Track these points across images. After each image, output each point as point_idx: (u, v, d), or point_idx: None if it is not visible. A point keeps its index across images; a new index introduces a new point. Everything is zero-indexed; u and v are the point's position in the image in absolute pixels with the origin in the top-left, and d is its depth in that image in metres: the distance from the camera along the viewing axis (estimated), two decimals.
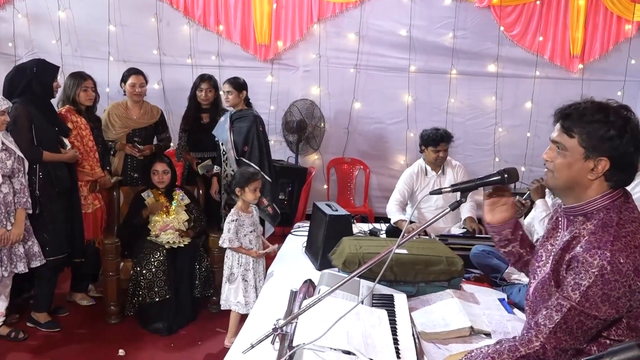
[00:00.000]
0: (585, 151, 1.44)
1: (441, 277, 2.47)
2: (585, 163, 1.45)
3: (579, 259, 1.39)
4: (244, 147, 3.94)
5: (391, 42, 5.35)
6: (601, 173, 1.44)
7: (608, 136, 1.41)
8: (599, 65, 5.37)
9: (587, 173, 1.45)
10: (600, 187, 1.47)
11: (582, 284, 1.36)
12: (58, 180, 3.33)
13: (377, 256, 1.67)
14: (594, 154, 1.43)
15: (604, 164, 1.43)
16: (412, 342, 1.84)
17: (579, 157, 1.45)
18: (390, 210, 3.91)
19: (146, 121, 4.06)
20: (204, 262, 3.65)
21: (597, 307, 1.36)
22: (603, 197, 1.47)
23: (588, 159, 1.44)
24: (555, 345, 1.40)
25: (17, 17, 5.21)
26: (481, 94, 5.47)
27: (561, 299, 1.40)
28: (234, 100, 3.99)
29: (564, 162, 1.48)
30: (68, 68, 5.13)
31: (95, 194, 3.74)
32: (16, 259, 3.09)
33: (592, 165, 1.44)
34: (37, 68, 3.38)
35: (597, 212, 1.47)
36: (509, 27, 5.31)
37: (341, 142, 5.55)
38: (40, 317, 3.42)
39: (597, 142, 1.43)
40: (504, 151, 5.52)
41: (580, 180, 1.47)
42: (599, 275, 1.35)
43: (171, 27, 5.33)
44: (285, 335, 1.71)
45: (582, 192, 1.49)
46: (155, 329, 3.42)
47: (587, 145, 1.44)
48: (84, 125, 3.66)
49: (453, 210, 1.61)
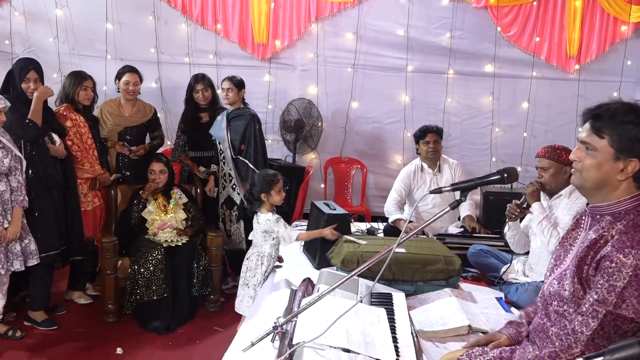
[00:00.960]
0: (615, 152, 1.45)
1: (439, 276, 2.49)
2: (614, 164, 1.45)
3: (612, 258, 1.38)
4: (241, 146, 3.95)
5: (389, 41, 5.36)
6: (631, 174, 1.44)
7: (636, 137, 1.42)
8: (595, 66, 5.39)
9: (617, 174, 1.46)
10: (628, 187, 1.47)
11: (617, 285, 1.35)
12: (46, 176, 3.32)
13: (376, 255, 1.68)
14: (624, 154, 1.44)
15: (635, 164, 1.43)
16: (411, 340, 1.86)
17: (608, 158, 1.46)
18: (388, 210, 3.93)
19: (138, 119, 4.05)
20: (201, 261, 3.65)
21: (635, 309, 1.34)
22: (632, 198, 1.47)
23: (618, 160, 1.45)
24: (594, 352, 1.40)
25: (14, 14, 5.18)
26: (478, 94, 5.49)
27: (596, 304, 1.39)
28: (234, 97, 3.98)
29: (593, 163, 1.48)
30: (65, 66, 5.15)
31: (95, 192, 3.74)
32: (13, 257, 3.09)
33: (621, 166, 1.45)
34: (14, 67, 3.40)
35: (627, 213, 1.46)
36: (506, 27, 5.32)
37: (338, 142, 5.56)
38: (37, 316, 3.41)
39: (628, 143, 1.43)
40: (501, 151, 5.53)
41: (609, 181, 1.47)
42: (633, 275, 1.34)
43: (169, 26, 5.32)
44: (285, 333, 1.73)
45: (609, 192, 1.49)
46: (153, 327, 3.42)
47: (618, 146, 1.44)
48: (82, 123, 3.66)
49: (453, 210, 1.62)
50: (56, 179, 3.39)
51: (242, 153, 3.95)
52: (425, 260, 2.50)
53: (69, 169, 3.51)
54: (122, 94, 3.99)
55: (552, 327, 1.55)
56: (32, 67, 3.35)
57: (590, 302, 1.41)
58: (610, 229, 1.47)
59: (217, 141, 4.04)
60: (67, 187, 3.50)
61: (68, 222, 3.50)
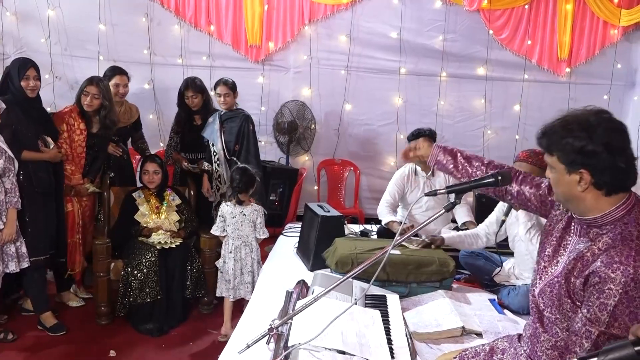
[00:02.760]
0: (565, 167, 1.47)
1: (433, 278, 2.50)
2: (570, 177, 1.47)
3: (601, 275, 1.37)
4: (235, 147, 3.96)
5: (382, 44, 5.39)
6: (588, 184, 1.45)
7: (576, 149, 1.43)
8: (585, 69, 5.46)
9: (576, 185, 1.46)
10: (596, 197, 1.46)
11: (608, 303, 1.35)
12: (39, 181, 3.30)
13: (371, 257, 1.69)
14: (573, 167, 1.45)
15: (586, 175, 1.44)
16: (406, 342, 1.87)
17: (563, 173, 1.48)
18: (381, 212, 3.93)
19: (125, 121, 4.02)
20: (195, 263, 3.64)
21: (626, 327, 1.33)
22: (617, 209, 1.45)
23: (571, 173, 1.46)
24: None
25: (6, 14, 5.15)
26: (470, 96, 5.53)
27: (588, 324, 1.39)
28: (231, 101, 4.00)
29: (555, 179, 1.52)
30: (57, 67, 5.13)
31: (69, 198, 3.62)
32: (7, 259, 3.07)
33: (577, 178, 1.45)
34: (10, 67, 3.37)
35: (613, 226, 1.45)
36: (498, 30, 5.37)
37: (332, 144, 5.57)
38: (45, 320, 3.39)
39: (572, 156, 1.44)
40: (493, 153, 5.56)
41: (573, 193, 1.48)
42: (623, 292, 1.33)
43: (162, 27, 5.31)
44: (280, 335, 1.73)
45: (580, 203, 1.49)
46: (146, 329, 3.41)
47: (565, 161, 1.46)
48: (80, 130, 3.59)
49: (447, 212, 1.63)
50: (48, 183, 3.37)
51: (236, 154, 3.95)
52: (419, 261, 2.51)
53: (59, 174, 3.48)
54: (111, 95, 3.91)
55: (544, 334, 1.57)
56: (30, 64, 3.34)
57: (583, 321, 1.41)
58: (597, 241, 1.46)
59: (209, 142, 4.04)
60: (58, 191, 3.47)
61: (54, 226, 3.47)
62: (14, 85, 3.29)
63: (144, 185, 3.81)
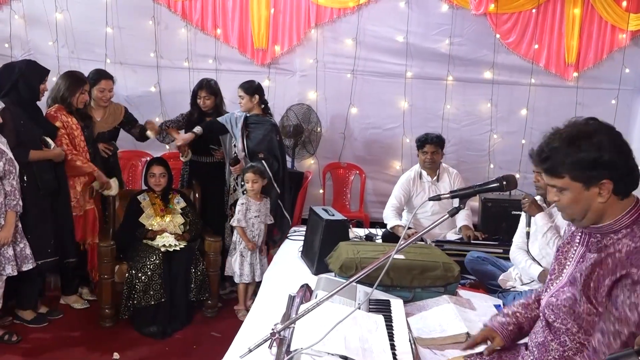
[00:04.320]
0: (582, 184, 1.44)
1: (437, 283, 2.48)
2: (589, 192, 1.44)
3: (634, 277, 1.35)
4: (259, 154, 3.92)
5: (388, 48, 5.37)
6: (609, 194, 1.43)
7: (592, 162, 1.40)
8: (593, 73, 5.41)
9: (596, 198, 1.44)
10: (614, 203, 1.45)
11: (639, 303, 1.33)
12: (43, 183, 3.31)
13: (375, 261, 1.68)
14: (592, 182, 1.43)
15: (607, 184, 1.42)
16: (409, 348, 1.85)
17: (580, 190, 1.45)
18: (387, 216, 3.92)
19: (109, 124, 3.99)
20: (199, 266, 3.64)
21: None
22: (629, 213, 1.45)
23: (589, 188, 1.44)
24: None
25: (14, 17, 5.18)
26: (477, 100, 5.50)
27: (618, 324, 1.37)
28: (247, 104, 3.94)
29: (570, 199, 1.47)
30: (64, 70, 5.09)
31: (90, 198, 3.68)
32: (5, 262, 3.06)
33: (597, 190, 1.43)
34: (26, 69, 3.39)
35: (630, 229, 1.44)
36: (505, 34, 5.34)
37: (337, 147, 5.56)
38: (25, 315, 3.42)
39: (588, 171, 1.41)
40: (499, 157, 5.54)
41: (593, 207, 1.46)
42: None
43: (169, 31, 5.32)
44: (283, 339, 1.72)
45: (599, 214, 1.47)
46: (150, 332, 3.41)
47: (581, 178, 1.43)
48: (75, 125, 3.63)
49: (452, 217, 1.62)
50: (52, 185, 3.38)
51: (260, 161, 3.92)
52: (424, 266, 2.50)
53: (61, 174, 3.48)
54: (96, 100, 3.92)
55: (552, 342, 1.55)
56: (48, 71, 3.47)
57: (611, 320, 1.39)
58: (616, 245, 1.44)
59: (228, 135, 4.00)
60: (59, 192, 3.47)
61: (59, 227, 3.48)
62: (30, 87, 3.31)
63: (149, 187, 3.81)
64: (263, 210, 3.77)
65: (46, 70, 3.49)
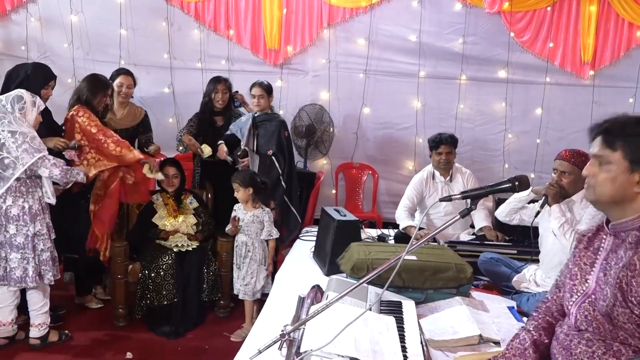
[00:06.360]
0: (630, 164, 1.42)
1: (450, 284, 2.45)
2: (630, 176, 1.43)
3: None
4: (268, 151, 3.94)
5: (401, 47, 5.35)
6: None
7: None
8: (610, 71, 5.32)
9: (633, 186, 1.42)
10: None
11: None
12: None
13: (386, 262, 1.66)
14: (639, 166, 1.41)
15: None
16: (420, 350, 1.83)
17: (623, 170, 1.43)
18: (399, 216, 3.90)
19: (128, 123, 4.01)
20: (211, 266, 3.65)
21: None
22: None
23: (633, 172, 1.42)
24: None
25: (30, 20, 5.26)
26: (491, 99, 5.45)
27: None
28: (265, 104, 4.00)
29: (608, 177, 1.46)
30: (79, 71, 5.21)
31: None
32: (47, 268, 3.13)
33: (637, 178, 1.42)
34: (31, 72, 3.41)
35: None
36: (519, 33, 5.28)
37: (350, 147, 5.54)
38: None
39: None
40: (514, 157, 5.48)
41: (625, 194, 1.44)
42: None
43: (182, 32, 5.35)
44: (292, 341, 1.71)
45: (627, 205, 1.45)
46: (162, 332, 3.43)
47: (632, 158, 1.42)
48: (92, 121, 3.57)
49: (463, 218, 1.60)
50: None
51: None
52: (436, 267, 2.47)
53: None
54: (115, 96, 3.94)
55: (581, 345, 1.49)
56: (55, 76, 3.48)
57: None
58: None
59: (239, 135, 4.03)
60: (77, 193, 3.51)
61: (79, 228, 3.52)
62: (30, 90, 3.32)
63: (162, 188, 3.83)
64: (256, 222, 3.45)
65: (52, 75, 3.48)
